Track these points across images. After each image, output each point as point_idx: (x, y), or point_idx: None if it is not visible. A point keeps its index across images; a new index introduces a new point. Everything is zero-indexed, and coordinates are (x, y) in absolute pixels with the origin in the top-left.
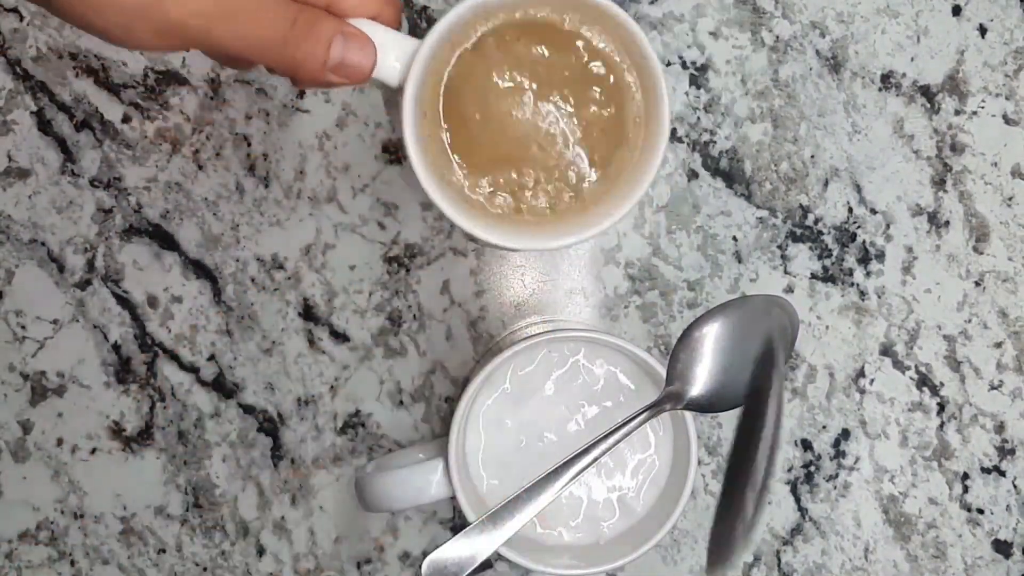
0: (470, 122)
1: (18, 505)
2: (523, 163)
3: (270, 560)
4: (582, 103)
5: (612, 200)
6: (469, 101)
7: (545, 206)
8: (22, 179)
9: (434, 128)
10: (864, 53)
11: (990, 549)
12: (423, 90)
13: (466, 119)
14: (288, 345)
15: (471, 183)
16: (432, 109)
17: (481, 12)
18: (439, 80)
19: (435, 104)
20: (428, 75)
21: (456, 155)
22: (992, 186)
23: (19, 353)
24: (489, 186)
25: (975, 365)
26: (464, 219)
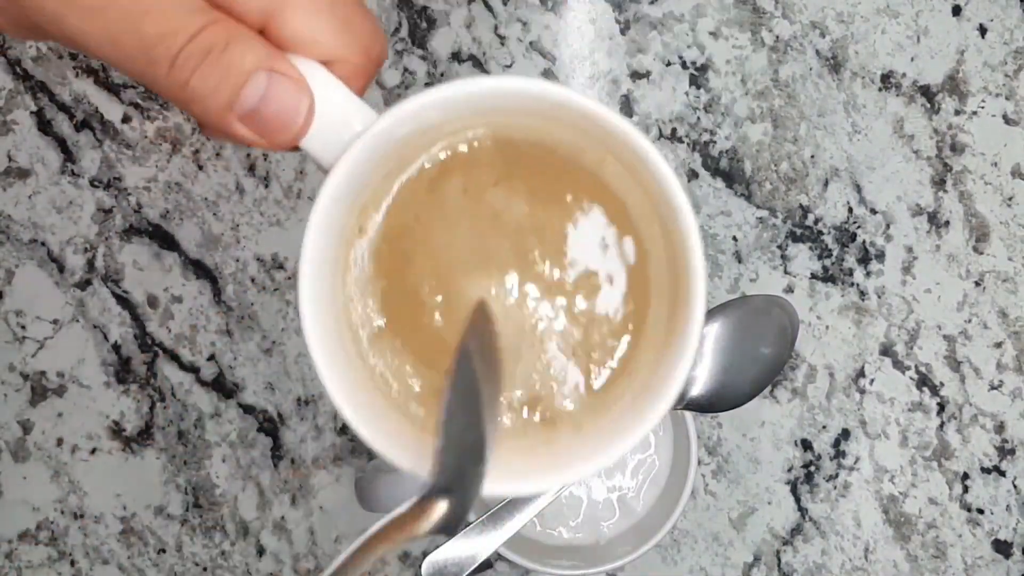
0: (415, 290)
1: (18, 505)
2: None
3: (270, 560)
4: (581, 283)
5: (610, 429)
6: (420, 262)
7: (513, 427)
8: (22, 179)
9: (362, 270)
10: (864, 53)
11: (990, 549)
12: (362, 195)
13: (413, 285)
14: (288, 345)
15: (400, 381)
16: (368, 236)
17: (453, 112)
18: (385, 199)
19: (374, 234)
20: (376, 178)
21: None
22: (992, 186)
23: (19, 353)
24: (430, 394)
25: (975, 365)
26: (381, 436)
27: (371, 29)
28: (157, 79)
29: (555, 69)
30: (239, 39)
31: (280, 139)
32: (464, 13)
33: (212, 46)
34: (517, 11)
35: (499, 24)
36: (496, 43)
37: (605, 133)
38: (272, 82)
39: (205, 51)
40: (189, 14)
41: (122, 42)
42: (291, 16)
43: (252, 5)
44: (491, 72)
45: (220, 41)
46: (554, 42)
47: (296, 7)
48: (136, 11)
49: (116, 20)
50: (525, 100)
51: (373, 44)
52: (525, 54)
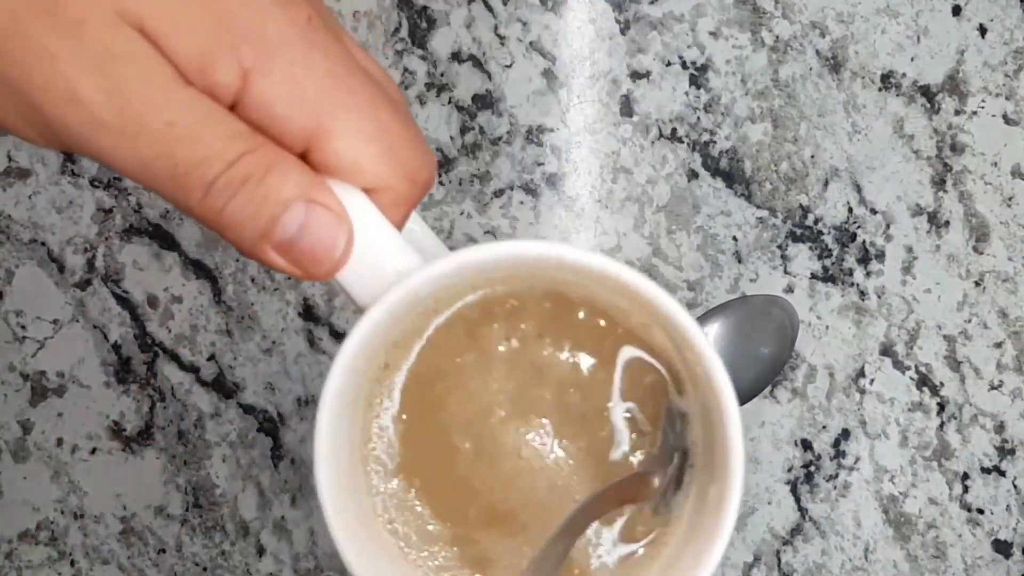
0: (444, 434)
1: (18, 505)
2: (517, 527)
3: (270, 560)
4: (619, 444)
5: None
6: (451, 406)
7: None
8: (22, 179)
9: (388, 408)
10: (864, 53)
11: (990, 549)
12: (393, 332)
13: (443, 429)
14: (288, 345)
15: (420, 538)
16: (397, 377)
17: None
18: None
19: (405, 372)
20: (411, 317)
21: (410, 480)
22: (992, 186)
23: (19, 353)
24: (450, 546)
25: (975, 365)
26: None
27: (418, 154)
28: (190, 205)
29: (555, 69)
30: (278, 167)
31: (315, 271)
32: (464, 13)
33: (250, 175)
34: (517, 11)
35: (499, 24)
36: (496, 43)
37: (651, 305)
38: (311, 213)
39: (243, 179)
40: (226, 140)
41: (154, 167)
42: (335, 140)
43: (296, 128)
44: (491, 73)
45: (259, 169)
46: (554, 42)
47: (341, 132)
48: (170, 137)
49: (148, 145)
50: (574, 267)
51: (420, 170)
52: (525, 54)
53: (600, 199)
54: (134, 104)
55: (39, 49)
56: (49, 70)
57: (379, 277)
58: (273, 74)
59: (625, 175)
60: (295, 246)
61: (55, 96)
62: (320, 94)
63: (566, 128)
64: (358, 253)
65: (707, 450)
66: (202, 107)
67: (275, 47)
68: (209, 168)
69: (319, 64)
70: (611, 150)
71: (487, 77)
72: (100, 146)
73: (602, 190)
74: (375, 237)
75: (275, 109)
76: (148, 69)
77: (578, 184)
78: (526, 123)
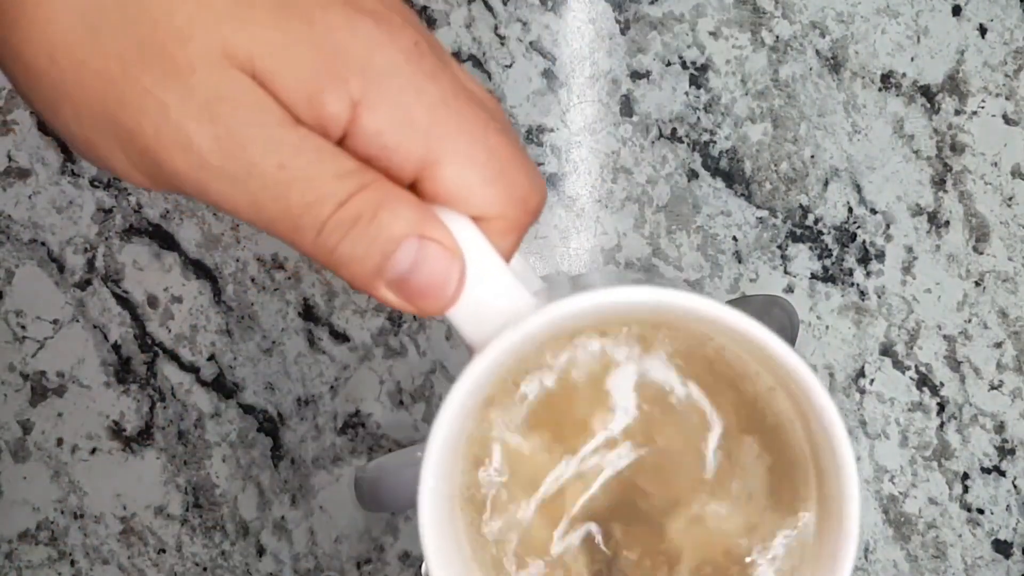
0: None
1: (18, 505)
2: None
3: (270, 560)
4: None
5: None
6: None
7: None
8: (22, 179)
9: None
10: (864, 53)
11: (990, 549)
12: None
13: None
14: (288, 345)
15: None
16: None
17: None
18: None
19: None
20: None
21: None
22: (992, 186)
23: (19, 353)
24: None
25: (975, 365)
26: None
27: (529, 179)
28: (304, 245)
29: (555, 69)
30: (389, 203)
31: (428, 307)
32: (464, 13)
33: (361, 214)
34: (517, 11)
35: (499, 24)
36: (496, 43)
37: (783, 370)
38: (422, 249)
39: (354, 219)
40: (337, 180)
41: (268, 210)
42: (445, 167)
43: (406, 156)
44: (491, 73)
45: (369, 208)
46: (554, 42)
47: (451, 161)
48: (282, 180)
49: (260, 189)
50: (702, 319)
51: (530, 196)
52: (525, 54)
53: (600, 199)
54: (245, 149)
55: (149, 97)
56: (159, 118)
57: (491, 315)
58: (383, 104)
59: (625, 175)
60: (408, 283)
61: (166, 144)
62: (430, 121)
63: (566, 128)
64: (469, 289)
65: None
66: (312, 147)
67: (383, 76)
68: (321, 209)
69: (428, 91)
70: (611, 150)
71: (487, 77)
72: (212, 191)
73: (602, 190)
74: (487, 273)
75: (385, 138)
76: (257, 112)
77: (578, 184)
78: (526, 123)
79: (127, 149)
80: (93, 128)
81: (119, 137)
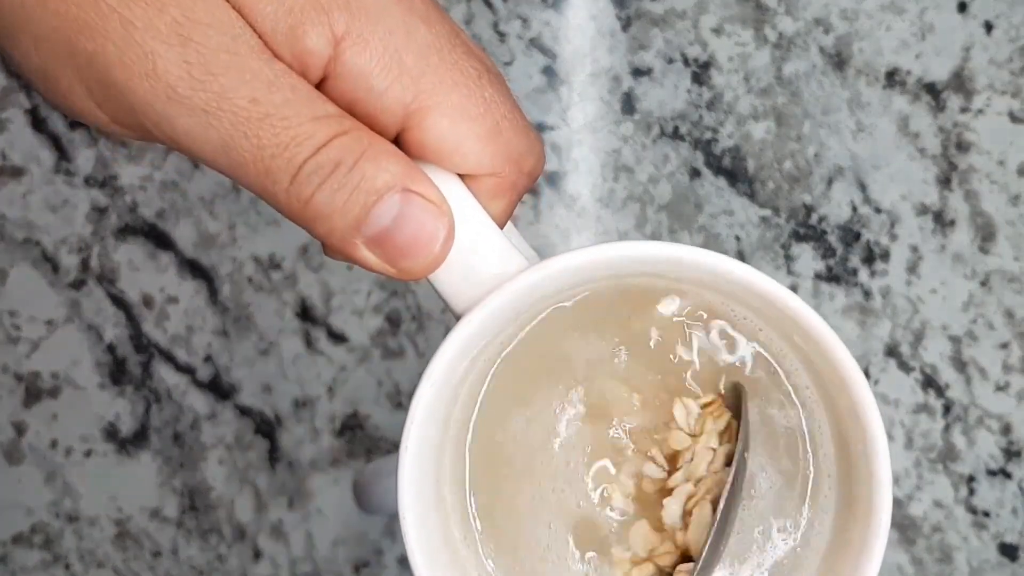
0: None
1: (12, 508)
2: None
3: (267, 564)
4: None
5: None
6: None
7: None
8: (16, 178)
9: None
10: (869, 50)
11: (996, 552)
12: (487, 341)
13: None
14: (285, 346)
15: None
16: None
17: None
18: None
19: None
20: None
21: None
22: (998, 185)
23: (13, 354)
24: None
25: (981, 366)
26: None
27: (527, 138)
28: (276, 193)
29: (556, 66)
30: (372, 151)
31: (411, 267)
32: (463, 9)
33: (341, 160)
34: (517, 7)
35: (499, 21)
36: (496, 40)
37: (790, 318)
38: (407, 203)
39: (333, 165)
40: (315, 121)
41: (237, 150)
42: (435, 121)
43: (392, 102)
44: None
45: (351, 155)
46: (554, 39)
47: (442, 112)
48: (254, 115)
49: (231, 125)
50: (699, 270)
51: (526, 156)
52: (525, 51)
53: (601, 198)
54: (216, 78)
55: (113, 16)
56: (125, 39)
57: (479, 279)
58: (369, 43)
59: (626, 174)
60: (389, 240)
61: (131, 69)
62: (421, 66)
63: (567, 126)
64: (455, 251)
65: (842, 483)
66: (289, 84)
67: (371, 12)
68: (297, 151)
69: (420, 34)
70: (612, 148)
71: None
72: (179, 126)
73: (603, 189)
74: (475, 233)
75: (371, 80)
76: (231, 39)
77: (579, 183)
78: None
79: (87, 79)
80: (52, 56)
81: (79, 65)
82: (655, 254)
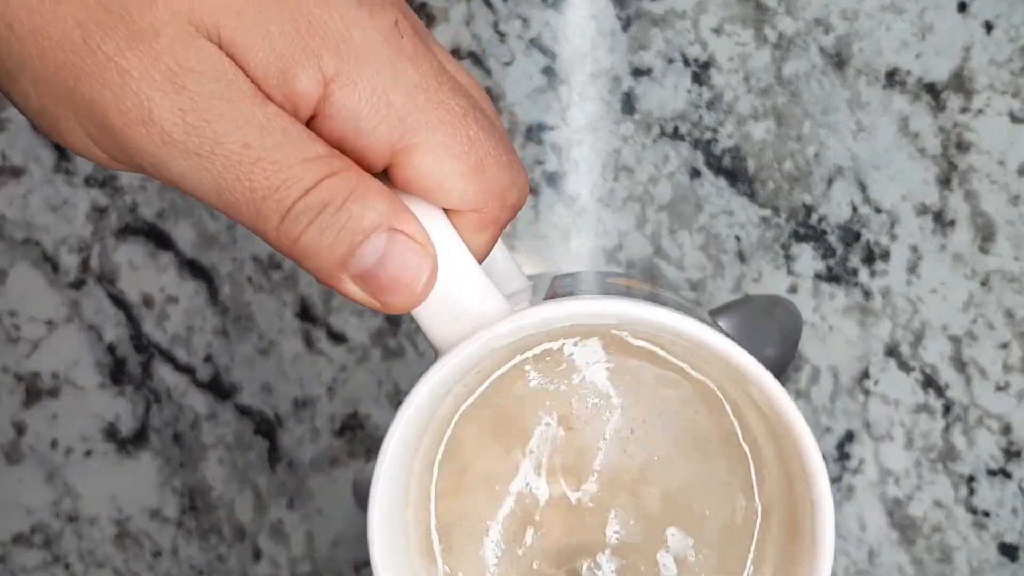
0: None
1: (12, 508)
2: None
3: (267, 564)
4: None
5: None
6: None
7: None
8: (16, 178)
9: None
10: (869, 50)
11: (996, 552)
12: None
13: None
14: (285, 346)
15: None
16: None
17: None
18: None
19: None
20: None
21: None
22: (998, 185)
23: (13, 354)
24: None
25: (981, 366)
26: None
27: (509, 173)
28: (267, 231)
29: (555, 66)
30: (359, 193)
31: (394, 303)
32: (464, 9)
33: (329, 201)
34: (517, 7)
35: (499, 20)
36: (496, 40)
37: (753, 387)
38: (392, 242)
39: (321, 206)
40: (305, 164)
41: (231, 192)
42: (420, 158)
43: (380, 141)
44: (491, 70)
45: (338, 196)
46: (554, 39)
47: (427, 150)
48: (246, 159)
49: (224, 168)
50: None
51: (509, 191)
52: (525, 51)
53: (601, 198)
54: (210, 124)
55: (110, 65)
56: (121, 87)
57: (459, 317)
58: (358, 84)
59: (626, 174)
60: (374, 277)
61: (128, 116)
62: (408, 106)
63: (567, 126)
64: (437, 288)
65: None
66: (281, 127)
67: (360, 55)
68: (287, 194)
69: (407, 74)
70: (612, 148)
71: (487, 74)
72: (174, 168)
73: (603, 189)
74: (458, 271)
75: (359, 121)
76: (224, 86)
77: (579, 183)
78: (526, 121)
79: (85, 122)
80: (51, 99)
81: (77, 109)
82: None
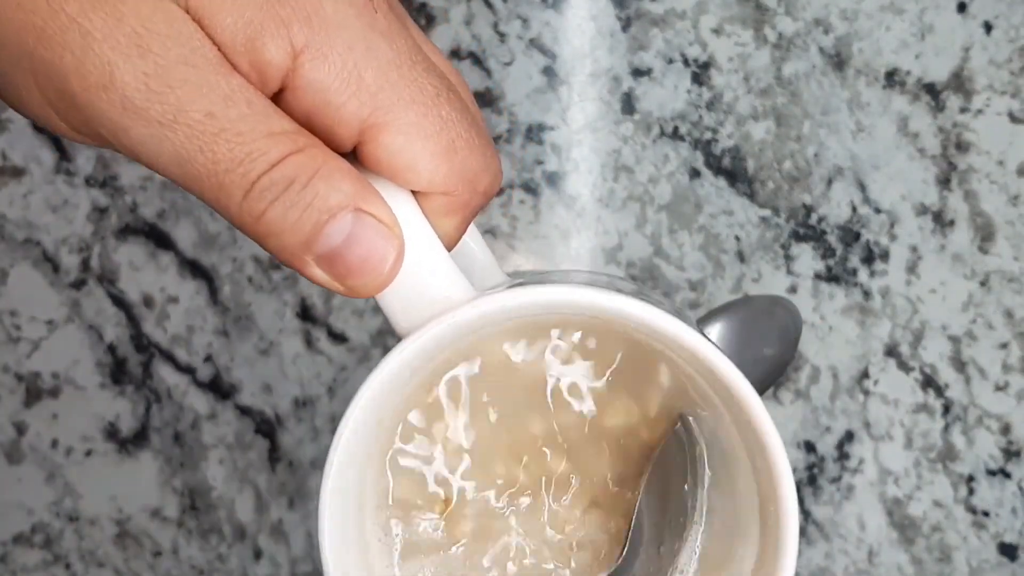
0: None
1: (12, 508)
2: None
3: (267, 563)
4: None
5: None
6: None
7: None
8: (16, 178)
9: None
10: (868, 50)
11: (996, 552)
12: (427, 365)
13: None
14: (286, 346)
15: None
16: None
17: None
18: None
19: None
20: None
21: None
22: (998, 185)
23: (14, 354)
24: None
25: (980, 366)
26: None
27: (481, 157)
28: (229, 207)
29: (555, 66)
30: (326, 170)
31: (359, 286)
32: (463, 10)
33: (295, 178)
34: (517, 8)
35: (499, 21)
36: (496, 40)
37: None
38: (358, 223)
39: (286, 182)
40: (270, 137)
41: (192, 163)
42: (391, 137)
43: (349, 117)
44: (491, 70)
45: (304, 172)
46: (554, 39)
47: (398, 128)
48: (209, 129)
49: (187, 138)
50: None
51: (480, 175)
52: (525, 51)
53: (601, 198)
54: (173, 90)
55: (72, 26)
56: (83, 50)
57: (423, 303)
58: (328, 57)
59: (626, 174)
60: (339, 258)
61: (88, 80)
62: (379, 81)
63: (567, 126)
64: (402, 273)
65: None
66: (246, 98)
67: (331, 27)
68: (251, 167)
69: (380, 50)
70: (612, 148)
71: (487, 75)
72: (134, 136)
73: (603, 189)
74: (424, 256)
75: (328, 95)
76: (190, 51)
77: (579, 183)
78: (526, 121)
79: (45, 87)
80: (11, 64)
81: (36, 73)
82: (601, 305)
